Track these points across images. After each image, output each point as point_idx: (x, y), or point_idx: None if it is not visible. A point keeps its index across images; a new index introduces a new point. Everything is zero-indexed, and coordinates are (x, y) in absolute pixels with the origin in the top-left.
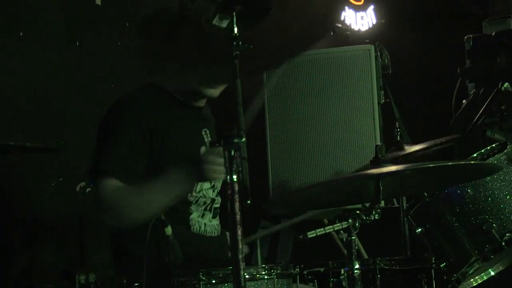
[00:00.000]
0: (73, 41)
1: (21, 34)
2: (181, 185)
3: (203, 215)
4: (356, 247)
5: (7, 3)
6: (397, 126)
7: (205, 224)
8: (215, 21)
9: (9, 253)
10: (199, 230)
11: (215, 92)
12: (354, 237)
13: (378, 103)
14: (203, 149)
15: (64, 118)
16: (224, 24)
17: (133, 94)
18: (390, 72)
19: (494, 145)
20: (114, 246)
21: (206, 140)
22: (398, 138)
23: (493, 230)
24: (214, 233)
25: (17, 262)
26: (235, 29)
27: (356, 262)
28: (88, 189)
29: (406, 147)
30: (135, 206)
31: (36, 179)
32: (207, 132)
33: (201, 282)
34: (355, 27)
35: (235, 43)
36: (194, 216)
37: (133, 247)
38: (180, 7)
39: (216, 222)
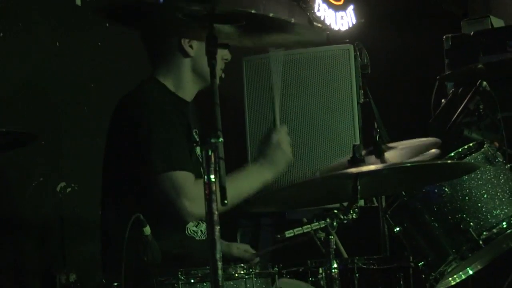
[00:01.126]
0: (54, 42)
1: (1, 34)
2: (270, 172)
3: (197, 225)
4: (334, 246)
5: None
6: (376, 125)
7: (201, 231)
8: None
9: None
10: (192, 234)
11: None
12: (332, 237)
13: (358, 102)
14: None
15: (42, 118)
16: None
17: (146, 90)
18: (370, 71)
19: (471, 144)
20: (101, 245)
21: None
22: (377, 138)
23: (470, 229)
24: (202, 236)
25: None
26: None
27: (334, 261)
28: (68, 189)
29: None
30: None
31: (17, 179)
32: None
33: (180, 282)
34: (335, 27)
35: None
36: (190, 225)
37: (114, 246)
38: None
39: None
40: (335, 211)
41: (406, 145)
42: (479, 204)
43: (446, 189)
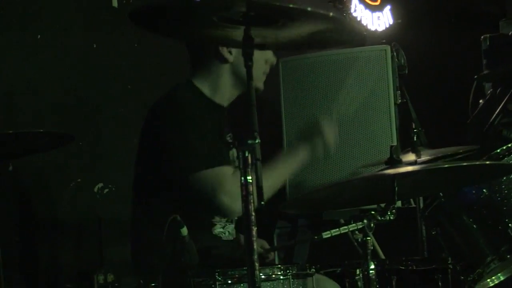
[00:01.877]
0: (90, 44)
1: (39, 36)
2: (306, 153)
3: (224, 227)
4: (372, 248)
5: (26, 7)
6: (414, 126)
7: (228, 231)
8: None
9: (30, 253)
10: (219, 235)
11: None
12: (369, 238)
13: (395, 103)
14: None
15: (80, 120)
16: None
17: (181, 93)
18: (407, 72)
19: (510, 145)
20: (134, 245)
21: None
22: (415, 137)
23: (509, 230)
24: (230, 237)
25: (37, 262)
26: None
27: (372, 263)
28: (106, 190)
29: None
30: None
31: (55, 180)
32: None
33: (217, 283)
34: (372, 27)
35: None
36: (216, 227)
37: (149, 247)
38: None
39: (232, 226)
40: (373, 212)
41: (444, 152)
42: None
43: (484, 190)
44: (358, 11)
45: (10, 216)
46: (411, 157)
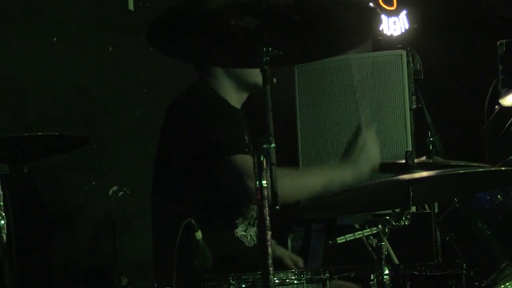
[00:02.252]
0: (106, 47)
1: (55, 39)
2: (352, 173)
3: (246, 229)
4: (386, 253)
5: (41, 10)
6: (429, 134)
7: (250, 235)
8: (244, 21)
9: (44, 256)
10: (241, 239)
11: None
12: (383, 243)
13: (410, 108)
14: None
15: (95, 122)
16: (253, 23)
17: (201, 89)
18: (422, 77)
19: None
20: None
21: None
22: (430, 145)
23: None
24: (251, 243)
25: (51, 264)
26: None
27: (386, 268)
28: (120, 193)
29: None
30: (294, 187)
31: (70, 182)
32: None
33: (231, 287)
34: (388, 32)
35: (264, 48)
36: (238, 230)
37: (165, 250)
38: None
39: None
40: (387, 217)
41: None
42: None
43: (498, 196)
44: None
45: (24, 219)
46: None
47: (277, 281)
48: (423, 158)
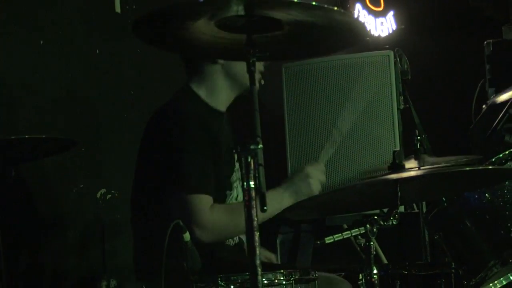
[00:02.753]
0: (93, 50)
1: (42, 42)
2: (290, 199)
3: None
4: (374, 252)
5: (28, 13)
6: (417, 132)
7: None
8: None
9: (33, 259)
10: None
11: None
12: (372, 243)
13: (398, 108)
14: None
15: (83, 125)
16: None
17: (180, 103)
18: (410, 77)
19: None
20: (137, 251)
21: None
22: (418, 145)
23: (511, 234)
24: (231, 243)
25: (40, 267)
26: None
27: (374, 267)
28: (109, 196)
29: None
30: (239, 223)
31: (58, 185)
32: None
33: None
34: (375, 33)
35: (251, 49)
36: None
37: (151, 252)
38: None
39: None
40: (375, 217)
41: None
42: None
43: (486, 195)
44: (361, 16)
45: (13, 222)
46: (414, 164)
47: (265, 281)
48: (411, 157)
